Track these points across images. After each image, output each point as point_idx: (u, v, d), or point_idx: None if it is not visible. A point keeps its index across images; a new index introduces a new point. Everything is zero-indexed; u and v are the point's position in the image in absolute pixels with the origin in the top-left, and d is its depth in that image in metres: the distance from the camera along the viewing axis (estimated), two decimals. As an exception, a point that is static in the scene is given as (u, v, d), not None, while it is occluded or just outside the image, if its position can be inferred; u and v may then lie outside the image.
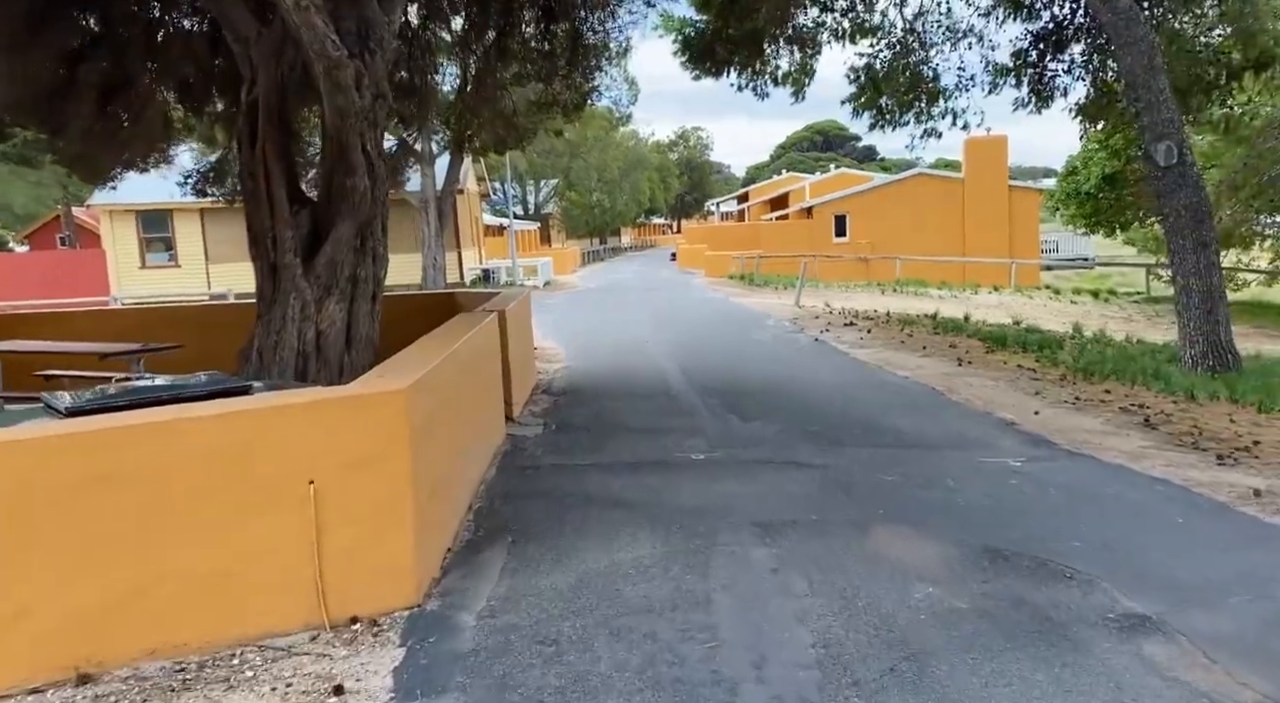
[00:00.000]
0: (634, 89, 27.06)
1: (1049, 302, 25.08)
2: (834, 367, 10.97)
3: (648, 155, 65.75)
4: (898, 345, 12.78)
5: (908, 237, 31.96)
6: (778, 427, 7.52)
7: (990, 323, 17.00)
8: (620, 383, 10.24)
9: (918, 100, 17.87)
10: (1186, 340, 11.46)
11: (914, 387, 9.43)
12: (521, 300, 9.54)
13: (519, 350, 8.76)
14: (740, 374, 10.53)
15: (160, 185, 24.22)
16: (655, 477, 5.98)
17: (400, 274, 28.33)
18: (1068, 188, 25.05)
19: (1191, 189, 11.47)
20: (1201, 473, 5.68)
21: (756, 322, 16.76)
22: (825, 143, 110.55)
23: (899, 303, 22.73)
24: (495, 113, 11.22)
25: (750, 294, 24.99)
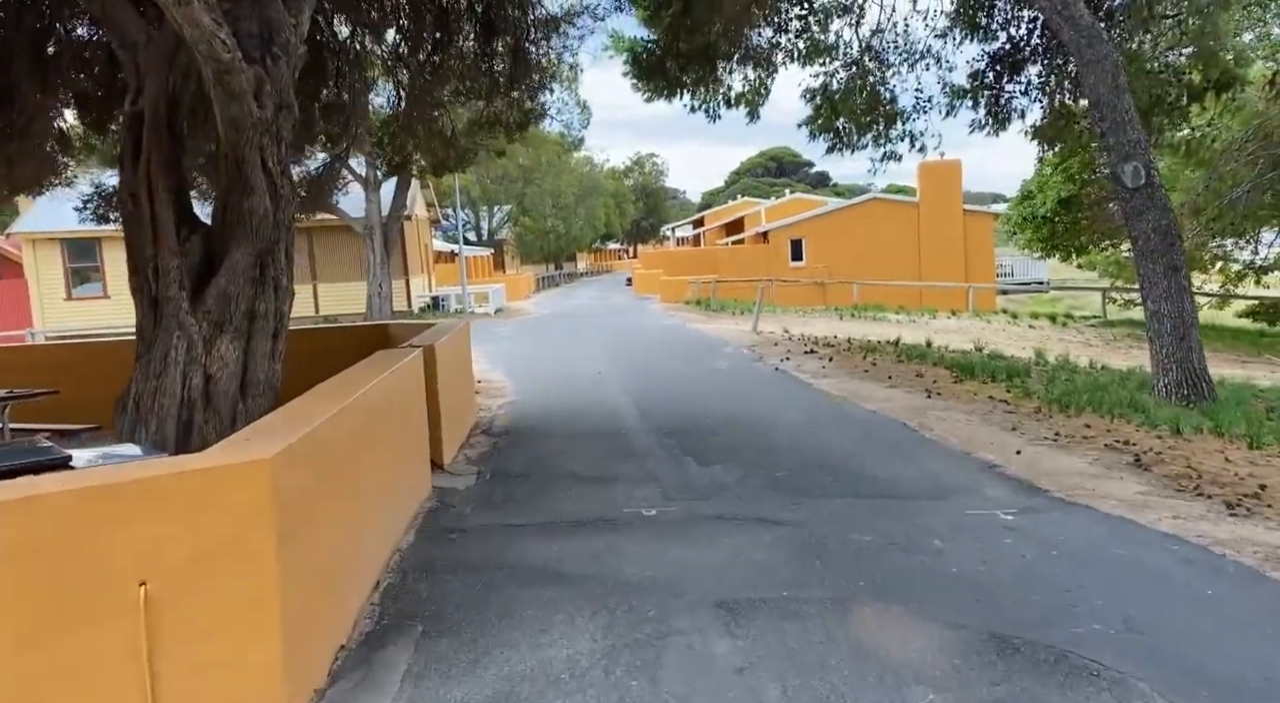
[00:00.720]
0: (586, 113, 26.54)
1: (1007, 326, 24.86)
2: (797, 400, 10.29)
3: (603, 181, 65.31)
4: (862, 375, 12.16)
5: (864, 261, 31.71)
6: (739, 472, 6.77)
7: (953, 349, 16.54)
8: (569, 420, 9.43)
9: (875, 122, 17.51)
10: (1159, 368, 11.02)
11: (884, 422, 8.76)
12: (458, 332, 8.71)
13: (453, 388, 7.91)
14: (698, 409, 9.79)
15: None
16: (600, 539, 5.17)
17: (345, 303, 27.25)
18: (1024, 212, 24.97)
19: (1160, 211, 11.08)
20: (1215, 527, 5.04)
21: (714, 349, 16.08)
22: (779, 169, 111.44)
23: (858, 328, 22.29)
24: (433, 132, 10.44)
25: (707, 320, 24.38)
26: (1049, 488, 6.11)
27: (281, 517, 3.18)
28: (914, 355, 14.00)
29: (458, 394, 8.25)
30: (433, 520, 5.67)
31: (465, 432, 8.56)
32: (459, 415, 8.24)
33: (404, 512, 5.53)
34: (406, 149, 10.54)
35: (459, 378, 8.50)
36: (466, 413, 8.86)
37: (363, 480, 4.51)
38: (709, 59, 12.72)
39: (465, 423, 8.67)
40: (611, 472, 6.92)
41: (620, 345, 17.42)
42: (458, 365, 8.49)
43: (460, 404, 8.40)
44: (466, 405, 8.90)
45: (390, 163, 10.55)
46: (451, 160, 10.60)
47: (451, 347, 8.04)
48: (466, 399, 8.93)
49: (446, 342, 7.72)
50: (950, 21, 16.33)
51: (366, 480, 4.60)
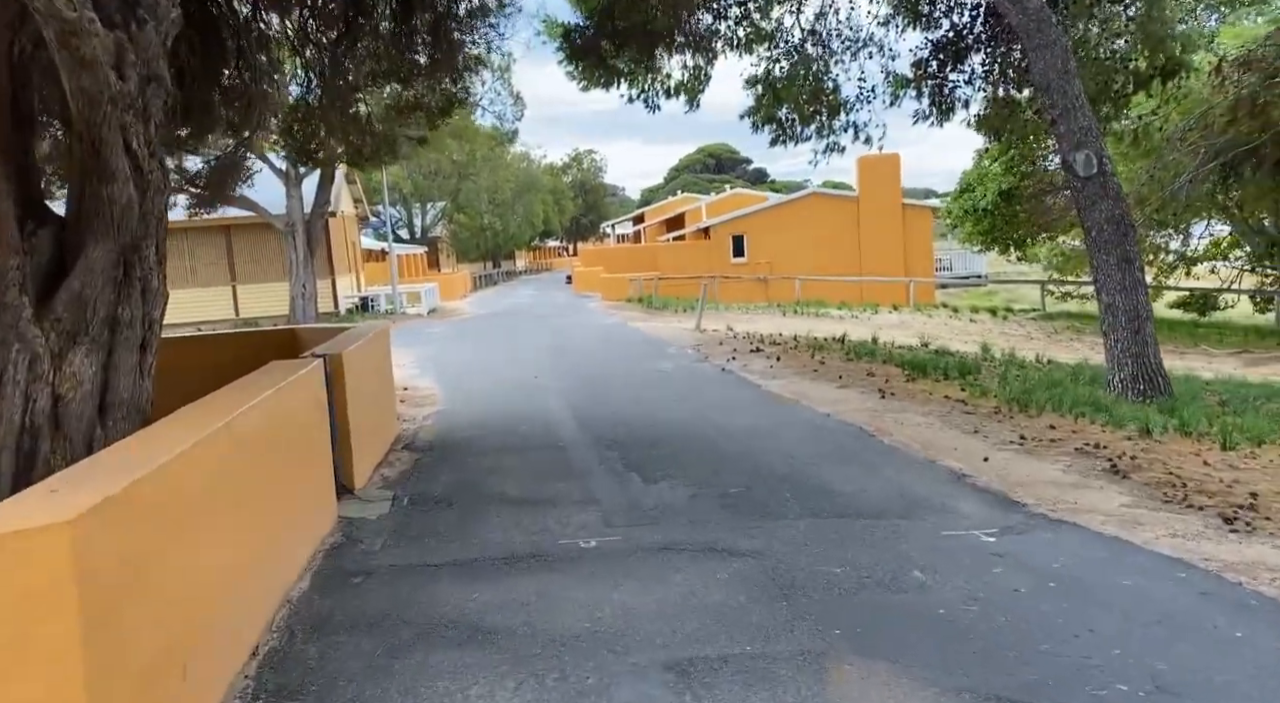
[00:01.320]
0: (520, 105, 25.63)
1: (949, 320, 24.76)
2: (747, 403, 9.67)
3: (540, 177, 64.18)
4: (812, 375, 11.61)
5: (805, 256, 31.44)
6: (689, 490, 6.09)
7: (900, 345, 16.17)
8: (502, 431, 8.64)
9: (818, 113, 17.05)
10: (1114, 363, 10.71)
11: (840, 427, 8.19)
12: (375, 337, 7.86)
13: (368, 401, 7.07)
14: (642, 416, 9.09)
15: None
16: (531, 581, 4.43)
17: (267, 305, 25.88)
18: (964, 204, 24.91)
19: (1113, 201, 10.76)
20: (1219, 546, 4.53)
21: (658, 350, 15.42)
22: (717, 165, 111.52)
23: (802, 325, 21.88)
24: (348, 118, 9.53)
25: (649, 318, 23.73)
26: (1027, 501, 5.57)
27: (93, 597, 2.38)
28: (862, 353, 13.53)
29: (374, 407, 7.41)
30: (334, 561, 4.85)
31: (384, 448, 7.72)
32: (376, 431, 7.40)
33: (296, 553, 4.71)
34: (318, 136, 9.62)
35: (376, 388, 7.66)
36: (386, 427, 8.01)
37: (235, 524, 3.69)
38: (646, 41, 12.00)
39: (384, 438, 7.83)
40: (547, 493, 6.18)
41: (559, 347, 16.64)
42: (374, 374, 7.64)
43: (377, 418, 7.56)
44: (385, 419, 8.05)
45: (301, 151, 9.61)
46: (368, 148, 9.72)
47: (366, 354, 7.20)
48: (385, 412, 8.09)
49: (359, 349, 6.88)
50: (893, 9, 15.93)
51: (241, 523, 3.79)
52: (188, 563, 3.16)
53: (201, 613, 3.26)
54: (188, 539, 3.18)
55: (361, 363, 6.93)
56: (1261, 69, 11.85)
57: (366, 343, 7.31)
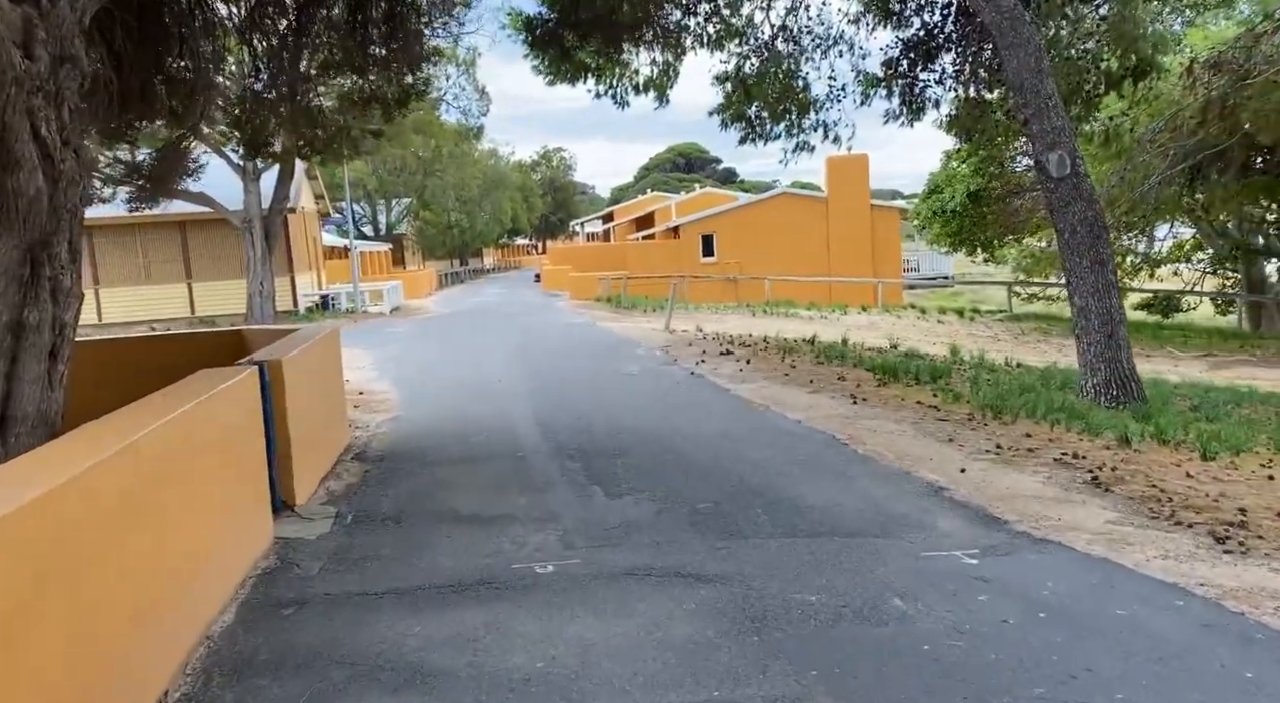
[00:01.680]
0: (485, 100, 25.04)
1: (917, 321, 24.68)
2: (716, 409, 9.35)
3: (509, 174, 63.50)
4: (782, 378, 11.33)
5: (775, 256, 31.26)
6: (656, 505, 5.75)
7: (870, 347, 15.98)
8: (459, 439, 8.24)
9: (788, 111, 16.81)
10: (1087, 367, 10.54)
11: (812, 435, 7.89)
12: (323, 340, 7.42)
13: (313, 409, 6.64)
14: (608, 423, 8.73)
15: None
16: (480, 612, 4.06)
17: (224, 304, 25.14)
18: (933, 206, 24.85)
19: (1086, 203, 10.60)
20: (1213, 569, 4.27)
21: (625, 351, 15.07)
22: (687, 165, 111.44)
23: (772, 326, 21.65)
24: (299, 110, 9.06)
25: (618, 318, 23.37)
26: (1008, 518, 5.30)
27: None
28: (833, 355, 13.29)
29: (321, 415, 6.98)
30: (265, 589, 4.44)
31: (332, 459, 7.28)
32: (322, 440, 6.97)
33: (222, 581, 4.29)
34: (269, 128, 9.13)
35: (324, 395, 7.22)
36: (334, 436, 7.57)
37: (143, 552, 3.28)
38: (611, 33, 11.62)
39: (332, 448, 7.39)
40: (504, 508, 5.80)
41: (524, 348, 16.23)
42: (322, 380, 7.21)
43: (325, 427, 7.13)
44: (334, 427, 7.61)
45: (251, 144, 9.12)
46: (320, 142, 9.24)
47: (311, 359, 6.76)
48: (334, 420, 7.65)
49: (303, 353, 6.45)
50: (863, 6, 15.72)
51: (151, 551, 3.37)
52: (82, 605, 2.75)
53: (98, 657, 2.86)
54: (84, 574, 2.78)
55: (306, 369, 6.50)
56: (1232, 71, 11.79)
57: (313, 347, 6.88)
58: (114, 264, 24.84)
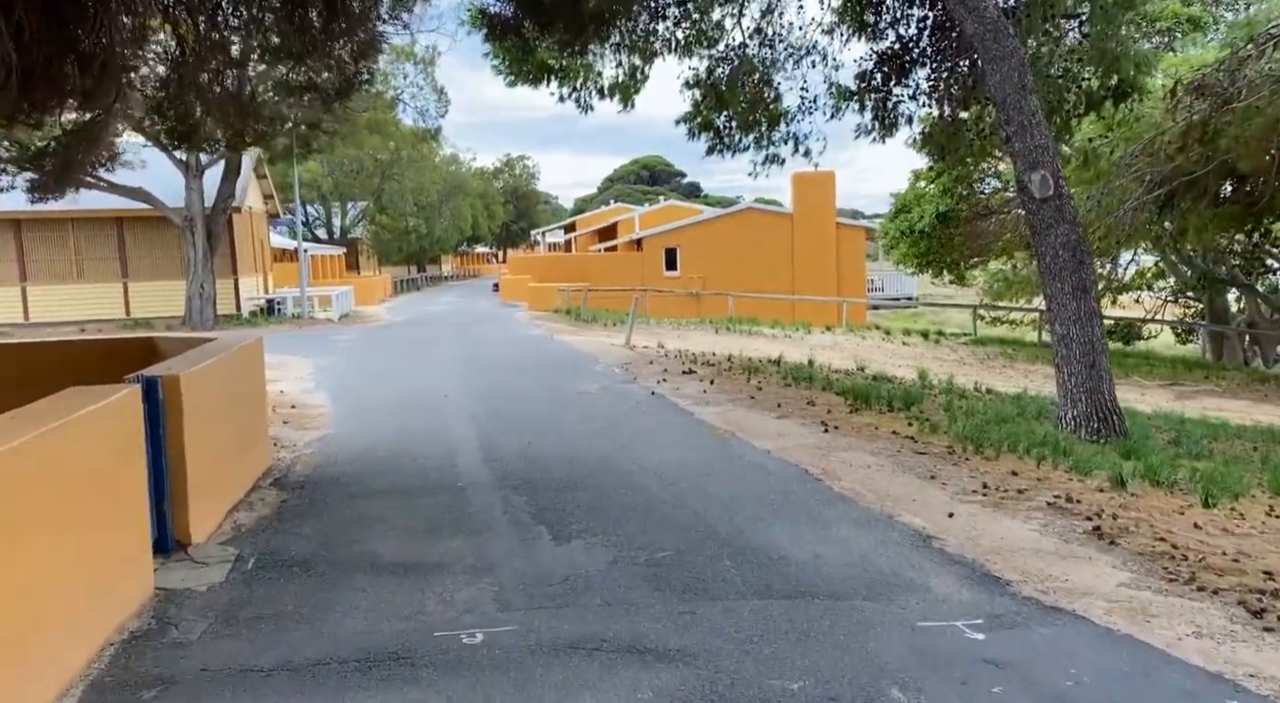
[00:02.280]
0: (444, 101, 24.14)
1: (882, 342, 24.29)
2: (678, 436, 8.64)
3: (469, 180, 62.47)
4: (748, 402, 10.67)
5: (739, 271, 30.78)
6: (609, 552, 5.01)
7: (837, 369, 15.42)
8: (393, 465, 7.42)
9: (758, 122, 16.29)
10: (1067, 398, 10.06)
11: (783, 469, 7.22)
12: (238, 353, 6.58)
13: (221, 432, 5.81)
14: (560, 448, 7.98)
15: None
16: (389, 697, 3.28)
17: (161, 305, 23.88)
18: (901, 226, 24.55)
19: (1069, 225, 10.14)
20: (1260, 654, 3.66)
21: (583, 367, 14.32)
22: (652, 177, 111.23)
23: (735, 343, 21.08)
24: (227, 96, 8.21)
25: (577, 331, 22.62)
26: (1010, 578, 4.65)
27: None
28: (800, 377, 12.67)
29: (232, 437, 6.13)
30: (127, 661, 3.62)
31: (247, 485, 6.43)
32: (233, 466, 6.13)
33: (70, 653, 3.46)
34: (194, 115, 8.27)
35: (238, 414, 6.38)
36: (250, 459, 6.71)
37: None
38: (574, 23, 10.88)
39: (247, 473, 6.54)
40: (433, 554, 5.02)
41: (476, 361, 15.40)
42: (236, 397, 6.36)
43: (238, 450, 6.28)
44: (251, 449, 6.75)
45: (173, 132, 8.24)
46: (253, 132, 8.40)
47: (222, 373, 5.93)
48: (251, 440, 6.79)
49: (211, 367, 5.61)
50: (837, 17, 15.26)
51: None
52: None
53: None
54: None
55: (213, 385, 5.67)
56: (1215, 95, 11.52)
57: (226, 360, 6.04)
58: (43, 260, 23.48)
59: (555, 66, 14.47)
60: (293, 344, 18.98)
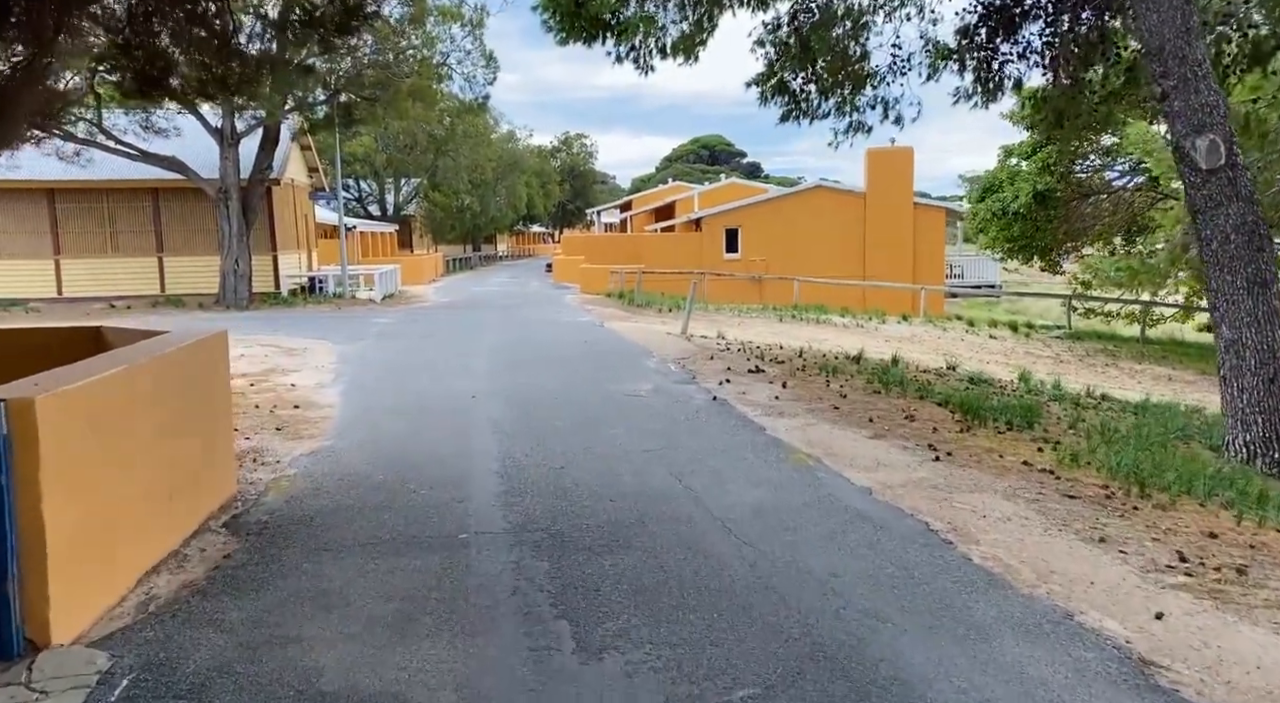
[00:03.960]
0: (492, 66, 22.43)
1: (966, 335, 22.07)
2: (750, 462, 6.86)
3: (526, 158, 61.01)
4: (831, 413, 8.84)
5: (804, 255, 28.68)
6: (660, 688, 3.30)
7: (924, 368, 13.43)
8: (386, 499, 5.81)
9: (840, 85, 14.29)
10: (1238, 419, 8.07)
11: (895, 522, 5.41)
12: (180, 353, 5.00)
13: (128, 474, 4.23)
14: (600, 477, 6.29)
15: None
16: None
17: (197, 282, 22.83)
18: (992, 206, 22.16)
19: (1244, 203, 8.08)
20: None
21: (634, 361, 12.61)
22: (711, 156, 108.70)
23: (802, 333, 19.16)
24: (206, 33, 6.66)
25: (629, 317, 20.92)
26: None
27: None
28: (889, 381, 10.74)
29: (154, 475, 4.55)
30: None
31: (185, 530, 4.87)
32: (156, 512, 4.55)
33: None
34: (164, 57, 6.75)
35: (169, 442, 4.79)
36: (193, 496, 5.13)
37: None
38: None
39: (184, 516, 4.96)
40: (392, 679, 3.36)
41: (516, 351, 13.80)
42: (165, 420, 4.78)
43: (162, 491, 4.69)
44: (193, 484, 5.17)
45: (141, 77, 6.73)
46: (234, 78, 6.85)
47: (135, 389, 4.34)
48: (194, 473, 5.21)
49: (106, 384, 4.03)
50: (939, -39, 13.16)
51: None
52: None
53: None
54: None
55: (115, 406, 4.09)
56: None
57: (143, 369, 4.46)
58: (77, 232, 22.58)
59: (611, 21, 12.72)
60: (324, 327, 17.65)
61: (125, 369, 4.22)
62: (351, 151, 41.63)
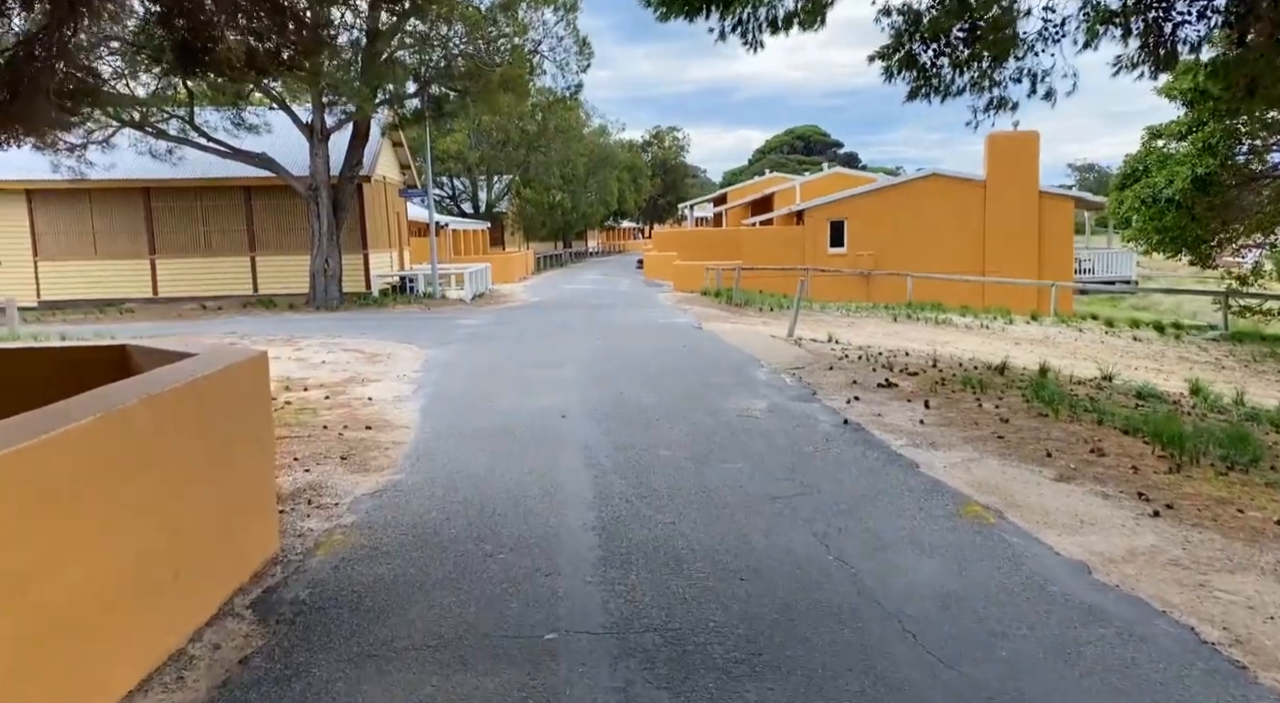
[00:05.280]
0: (586, 53, 21.26)
1: (1106, 337, 19.80)
2: (911, 518, 5.40)
3: (617, 152, 60.05)
4: (996, 443, 7.27)
5: (916, 248, 26.65)
6: None
7: (1077, 378, 11.57)
8: (457, 567, 4.62)
9: (979, 57, 12.55)
10: None
11: (1144, 624, 3.88)
12: (204, 382, 3.91)
13: (82, 564, 3.11)
14: (722, 538, 4.96)
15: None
16: None
17: (288, 281, 22.49)
18: (1141, 193, 19.76)
19: None
20: None
21: (742, 372, 11.22)
22: (806, 147, 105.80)
23: (921, 335, 17.39)
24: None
25: (729, 318, 19.50)
26: None
27: None
28: (1052, 399, 9.01)
29: (142, 551, 3.44)
30: None
31: (197, 620, 3.76)
32: (147, 605, 3.44)
33: None
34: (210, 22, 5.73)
35: (159, 509, 3.69)
36: (210, 573, 4.03)
37: None
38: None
39: (194, 601, 3.86)
40: None
41: (610, 359, 12.58)
42: (156, 479, 3.67)
43: (165, 571, 3.58)
44: (211, 558, 4.07)
45: (185, 50, 5.75)
46: (287, 44, 5.80)
47: (108, 444, 3.23)
48: (210, 543, 4.10)
49: (72, 441, 2.92)
50: (1103, -95, 11.35)
51: None
52: None
53: None
54: None
55: (85, 470, 2.98)
56: None
57: (139, 411, 3.35)
58: (172, 231, 22.53)
59: (716, -12, 11.40)
60: (411, 330, 16.86)
61: (103, 417, 3.11)
62: (444, 149, 41.39)
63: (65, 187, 20.55)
